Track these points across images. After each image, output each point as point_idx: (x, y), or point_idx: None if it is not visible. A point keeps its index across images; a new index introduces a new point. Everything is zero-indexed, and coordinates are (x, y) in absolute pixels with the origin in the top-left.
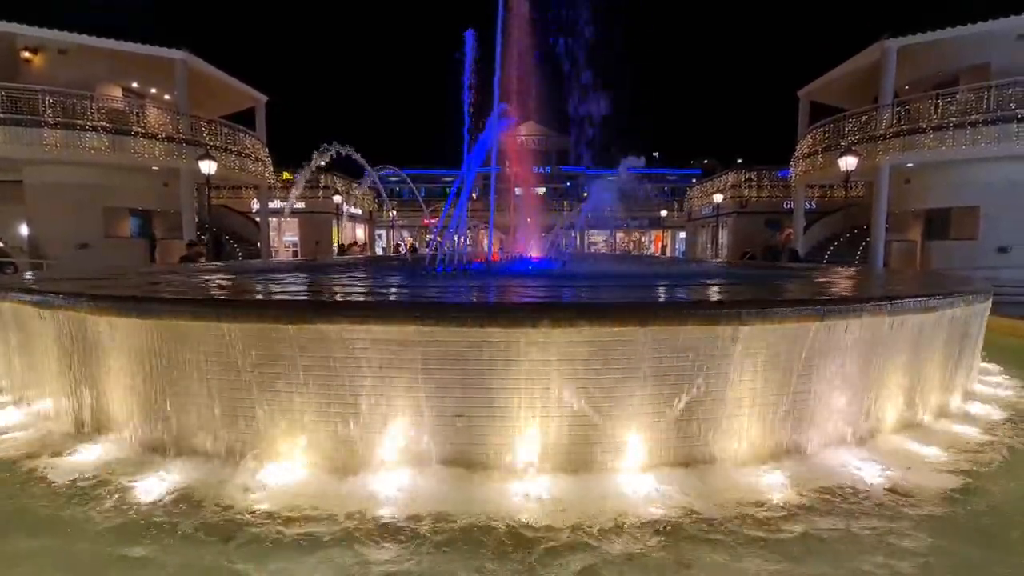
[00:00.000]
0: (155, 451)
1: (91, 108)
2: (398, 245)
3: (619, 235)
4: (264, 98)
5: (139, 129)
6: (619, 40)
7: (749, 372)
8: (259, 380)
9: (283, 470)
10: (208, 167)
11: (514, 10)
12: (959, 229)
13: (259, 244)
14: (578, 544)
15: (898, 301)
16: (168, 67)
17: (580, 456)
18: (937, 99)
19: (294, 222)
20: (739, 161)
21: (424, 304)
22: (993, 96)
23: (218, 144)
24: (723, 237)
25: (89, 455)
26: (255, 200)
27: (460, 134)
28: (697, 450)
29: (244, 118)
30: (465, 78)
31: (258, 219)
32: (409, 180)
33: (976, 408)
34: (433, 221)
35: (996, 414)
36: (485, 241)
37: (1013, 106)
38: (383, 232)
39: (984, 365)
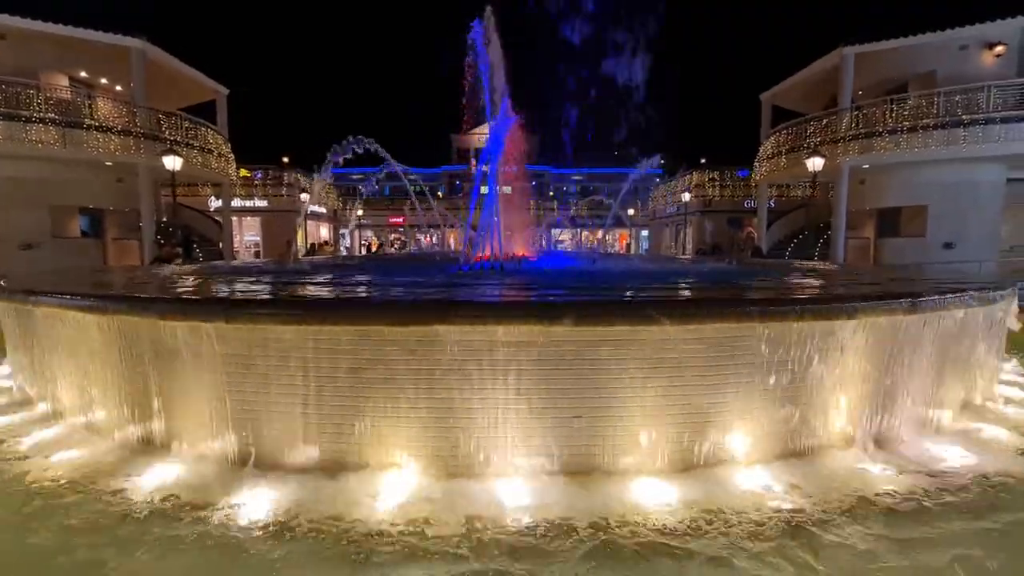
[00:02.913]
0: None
1: (37, 98)
2: (392, 243)
3: (584, 233)
4: (225, 91)
5: (92, 122)
6: (588, 42)
7: None
8: None
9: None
10: (173, 163)
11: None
12: (909, 227)
13: (220, 244)
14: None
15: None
16: (122, 56)
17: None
18: (891, 104)
19: (255, 221)
20: (703, 161)
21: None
22: (941, 102)
23: (179, 139)
24: (687, 235)
25: None
26: (212, 197)
27: (430, 131)
28: None
29: (203, 112)
30: (441, 72)
31: (217, 217)
32: (403, 176)
33: None
34: (399, 220)
35: None
36: (452, 240)
37: (959, 111)
38: (346, 232)
39: None
